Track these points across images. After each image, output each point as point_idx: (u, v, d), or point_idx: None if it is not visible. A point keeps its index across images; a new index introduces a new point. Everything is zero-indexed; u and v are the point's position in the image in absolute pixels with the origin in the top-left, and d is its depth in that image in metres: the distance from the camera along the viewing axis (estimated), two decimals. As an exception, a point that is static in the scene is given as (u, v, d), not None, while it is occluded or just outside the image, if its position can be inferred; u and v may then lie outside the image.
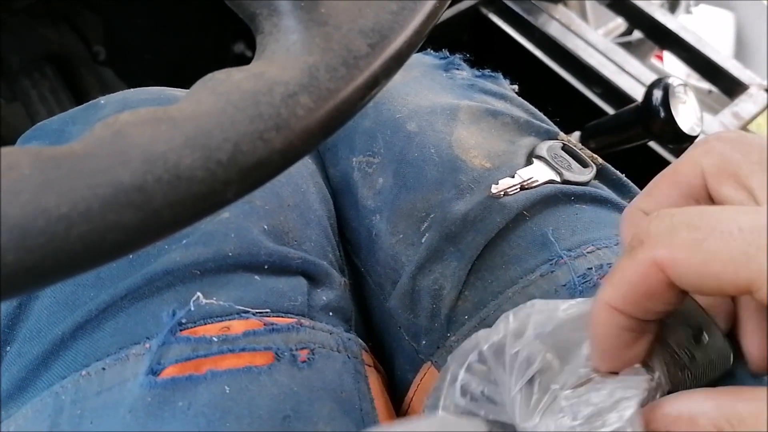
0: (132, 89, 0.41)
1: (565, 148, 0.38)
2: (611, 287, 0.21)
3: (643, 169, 0.73)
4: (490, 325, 0.33)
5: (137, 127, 0.20)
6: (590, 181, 0.37)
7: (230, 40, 0.95)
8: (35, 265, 0.17)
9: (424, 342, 0.34)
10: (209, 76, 0.23)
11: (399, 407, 0.35)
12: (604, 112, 0.79)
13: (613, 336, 0.21)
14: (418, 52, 0.51)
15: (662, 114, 0.57)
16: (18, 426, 0.26)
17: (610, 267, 0.32)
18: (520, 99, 0.43)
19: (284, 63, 0.23)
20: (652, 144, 0.74)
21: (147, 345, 0.27)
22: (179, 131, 0.20)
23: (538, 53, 0.83)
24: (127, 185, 0.19)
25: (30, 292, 0.24)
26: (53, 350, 0.28)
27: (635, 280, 0.20)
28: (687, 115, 0.58)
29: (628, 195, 0.38)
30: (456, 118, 0.38)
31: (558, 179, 0.36)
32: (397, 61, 0.25)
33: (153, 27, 0.98)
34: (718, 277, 0.18)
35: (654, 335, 0.22)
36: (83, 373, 0.27)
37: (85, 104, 0.40)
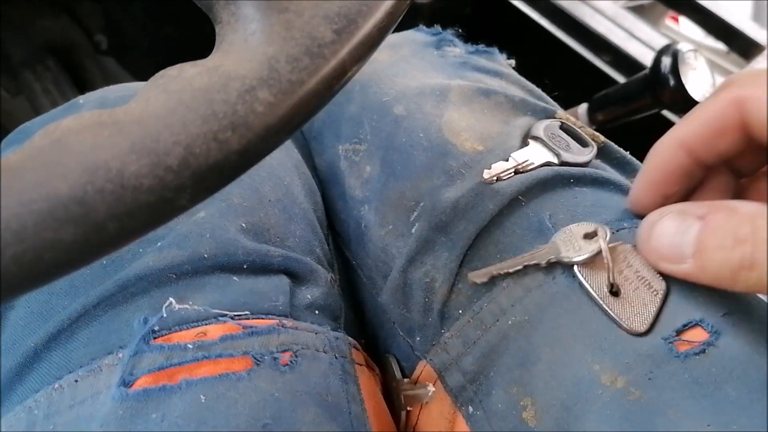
0: (113, 86, 0.40)
1: (564, 127, 0.35)
2: (686, 125, 0.26)
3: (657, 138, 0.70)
4: (483, 319, 0.32)
5: (78, 135, 0.18)
6: (591, 161, 0.35)
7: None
8: (-35, 291, 0.16)
9: (418, 338, 0.32)
10: (161, 73, 0.21)
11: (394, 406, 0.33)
12: (614, 81, 0.76)
13: (666, 171, 0.26)
14: (409, 28, 0.48)
15: (672, 82, 0.54)
16: None
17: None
18: (516, 75, 0.41)
19: (242, 55, 0.22)
20: (666, 113, 0.71)
21: (120, 355, 0.26)
22: (124, 136, 0.19)
23: (543, 22, 0.80)
24: (65, 198, 0.17)
25: None
26: (27, 363, 0.27)
27: (712, 116, 0.24)
28: (698, 81, 0.55)
29: (633, 174, 0.36)
30: (446, 100, 0.36)
31: (555, 161, 0.34)
32: (368, 47, 0.23)
33: (152, 13, 0.96)
34: None
35: (695, 184, 0.27)
36: (56, 386, 0.26)
37: (65, 104, 0.39)
